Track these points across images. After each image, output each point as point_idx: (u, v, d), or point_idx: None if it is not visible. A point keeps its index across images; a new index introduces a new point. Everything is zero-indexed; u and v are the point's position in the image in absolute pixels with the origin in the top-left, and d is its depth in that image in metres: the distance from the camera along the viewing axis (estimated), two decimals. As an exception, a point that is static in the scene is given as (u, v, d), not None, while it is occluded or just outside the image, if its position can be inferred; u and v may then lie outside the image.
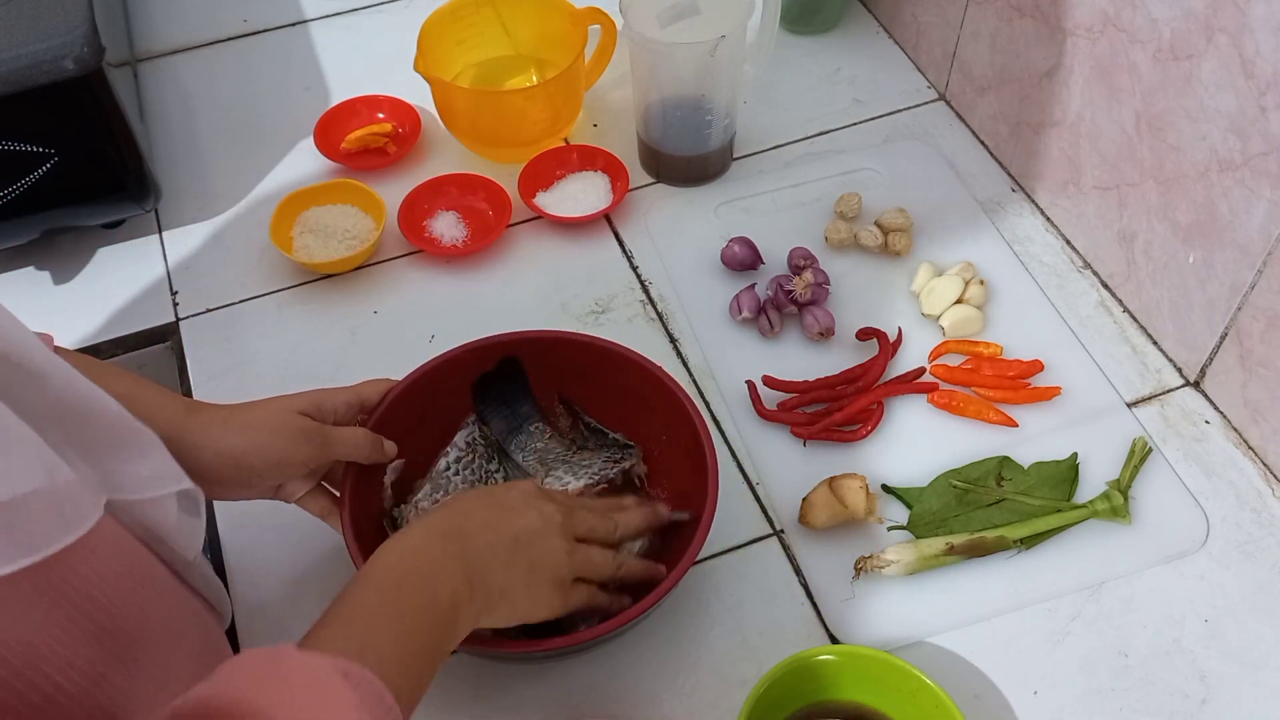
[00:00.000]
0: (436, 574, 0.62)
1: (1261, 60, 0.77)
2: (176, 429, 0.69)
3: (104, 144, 0.96)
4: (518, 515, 0.68)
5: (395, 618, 0.59)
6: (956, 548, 0.81)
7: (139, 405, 0.68)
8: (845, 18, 1.24)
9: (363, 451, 0.76)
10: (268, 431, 0.72)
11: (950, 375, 0.93)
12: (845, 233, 1.01)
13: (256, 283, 1.02)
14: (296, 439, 0.72)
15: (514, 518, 0.68)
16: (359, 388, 0.80)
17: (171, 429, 0.69)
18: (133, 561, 0.57)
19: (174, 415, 0.70)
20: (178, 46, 1.25)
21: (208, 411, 0.72)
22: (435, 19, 1.10)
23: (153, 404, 0.70)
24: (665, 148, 1.07)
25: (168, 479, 0.61)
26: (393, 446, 0.78)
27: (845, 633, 0.80)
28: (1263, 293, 0.83)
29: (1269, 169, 0.79)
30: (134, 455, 0.60)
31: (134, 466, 0.59)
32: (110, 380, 0.67)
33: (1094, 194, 0.98)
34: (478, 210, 1.07)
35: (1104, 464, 0.88)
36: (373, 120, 1.14)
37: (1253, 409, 0.88)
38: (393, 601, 0.60)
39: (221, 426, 0.71)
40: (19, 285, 1.04)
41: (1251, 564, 0.83)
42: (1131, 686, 0.77)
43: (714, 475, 0.76)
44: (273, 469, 0.72)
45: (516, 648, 0.72)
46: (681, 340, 0.97)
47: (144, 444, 0.61)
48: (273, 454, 0.72)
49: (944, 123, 1.14)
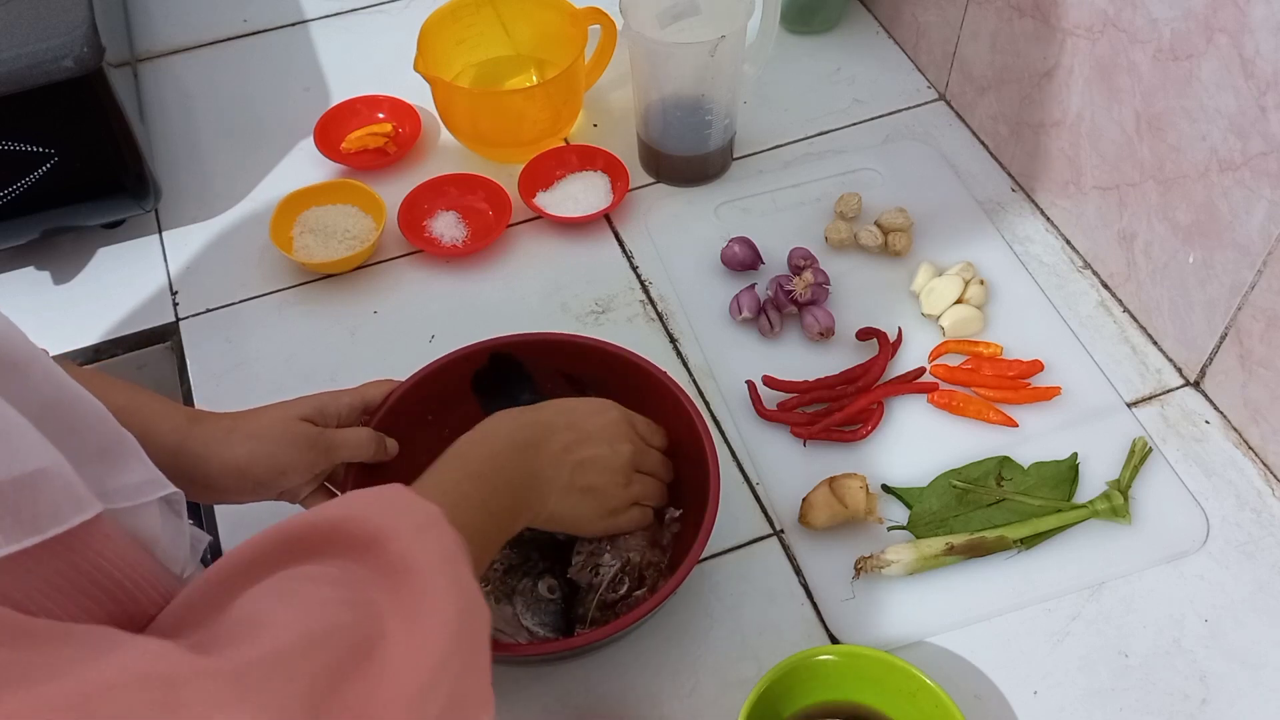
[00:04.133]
0: (498, 484, 0.67)
1: (1261, 60, 0.77)
2: (180, 440, 0.70)
3: (104, 144, 0.96)
4: (590, 444, 0.73)
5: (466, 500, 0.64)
6: (956, 548, 0.81)
7: (141, 415, 0.68)
8: (845, 18, 1.24)
9: (366, 451, 0.76)
10: (271, 441, 0.72)
11: (950, 375, 0.93)
12: (845, 233, 1.01)
13: (256, 283, 1.02)
14: (300, 446, 0.73)
15: (586, 446, 0.73)
16: (363, 389, 0.80)
17: (175, 440, 0.69)
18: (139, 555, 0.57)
19: (177, 426, 0.70)
20: (178, 46, 1.25)
21: (210, 421, 0.72)
22: (435, 19, 1.10)
23: (156, 414, 0.70)
24: (665, 148, 1.07)
25: (152, 485, 0.61)
26: (394, 445, 0.78)
27: (845, 633, 0.80)
28: (1263, 293, 0.83)
29: (1269, 169, 0.79)
30: (119, 463, 0.59)
31: (119, 474, 0.59)
32: (111, 392, 0.67)
33: (1094, 194, 0.98)
34: (478, 210, 1.07)
35: (1104, 464, 0.88)
36: (373, 120, 1.14)
37: (1253, 409, 0.88)
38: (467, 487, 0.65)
39: (225, 437, 0.71)
40: (19, 285, 1.04)
41: (1251, 564, 0.83)
42: (1131, 686, 0.77)
43: (715, 476, 0.76)
44: (277, 478, 0.73)
45: (518, 649, 0.73)
46: (681, 340, 0.97)
47: (127, 451, 0.60)
48: (277, 463, 0.72)
49: (944, 123, 1.14)
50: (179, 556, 0.64)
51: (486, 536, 0.66)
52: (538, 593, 0.75)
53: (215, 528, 0.86)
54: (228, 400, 0.93)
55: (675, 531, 0.79)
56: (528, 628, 0.73)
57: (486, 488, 0.66)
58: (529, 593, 0.75)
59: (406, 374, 0.82)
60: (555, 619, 0.75)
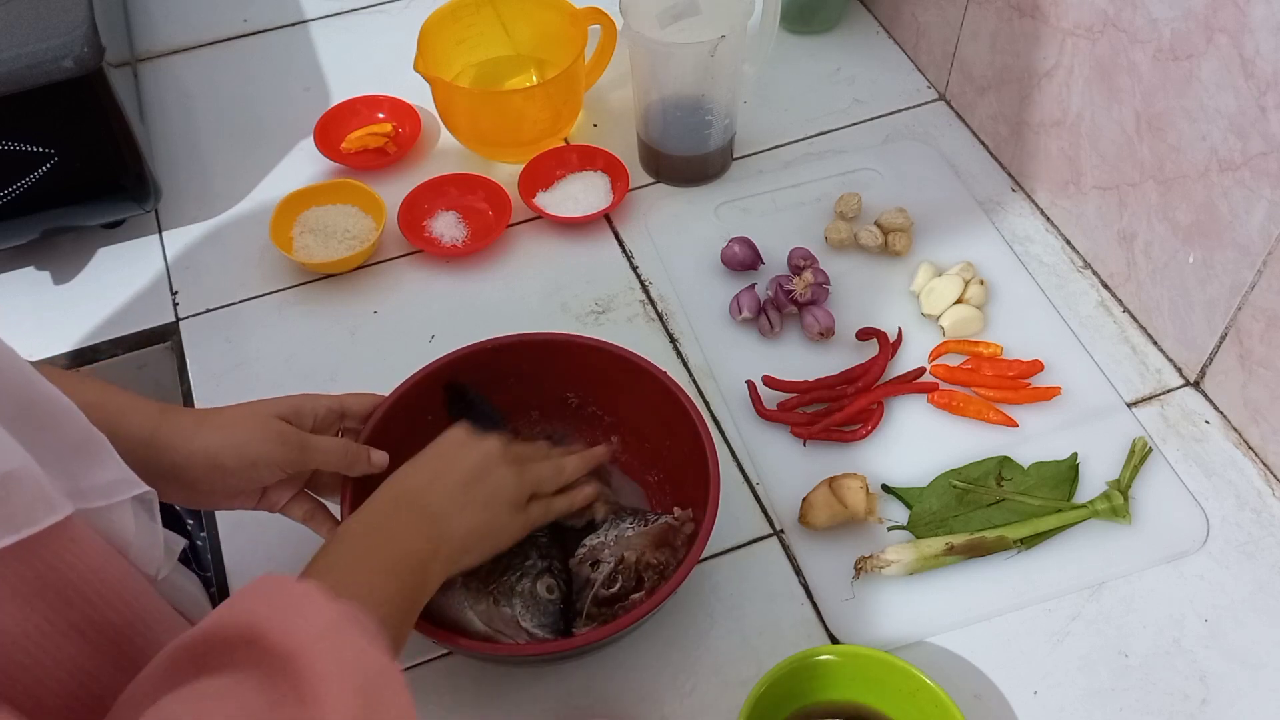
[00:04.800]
0: (398, 541, 0.65)
1: (1261, 60, 0.77)
2: (150, 431, 0.69)
3: (104, 144, 0.96)
4: (460, 459, 0.72)
5: (369, 573, 0.62)
6: (956, 548, 0.81)
7: (111, 410, 0.68)
8: (845, 18, 1.24)
9: (341, 461, 0.75)
10: (242, 431, 0.72)
11: (950, 375, 0.93)
12: (845, 233, 1.01)
13: (256, 283, 1.02)
14: (271, 440, 0.72)
15: (457, 463, 0.71)
16: (342, 397, 0.79)
17: (144, 432, 0.69)
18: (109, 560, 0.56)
19: (147, 418, 0.70)
20: (178, 46, 1.25)
21: (181, 414, 0.72)
22: (435, 19, 1.10)
23: (125, 407, 0.70)
24: (665, 148, 1.07)
25: (125, 484, 0.61)
26: (383, 457, 0.76)
27: (845, 633, 0.80)
28: (1263, 293, 0.83)
29: (1269, 169, 0.79)
30: (92, 462, 0.59)
31: (91, 473, 0.58)
32: (81, 388, 0.66)
33: (1094, 194, 0.98)
34: (478, 210, 1.07)
35: (1104, 464, 0.88)
36: (373, 120, 1.14)
37: (1253, 409, 0.88)
38: (364, 561, 0.63)
39: (194, 427, 0.71)
40: (19, 285, 1.04)
41: (1251, 564, 0.83)
42: (1131, 686, 0.77)
43: (716, 477, 0.76)
44: (247, 468, 0.72)
45: (518, 650, 0.73)
46: (681, 340, 0.97)
47: (100, 450, 0.60)
48: (247, 453, 0.71)
49: (944, 123, 1.14)
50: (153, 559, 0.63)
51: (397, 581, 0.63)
52: (536, 594, 0.75)
53: (216, 529, 0.86)
54: (227, 400, 0.92)
55: (689, 532, 0.79)
56: (527, 629, 0.73)
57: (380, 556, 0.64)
58: (528, 594, 0.74)
59: (406, 374, 0.82)
60: (554, 620, 0.75)
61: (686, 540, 0.78)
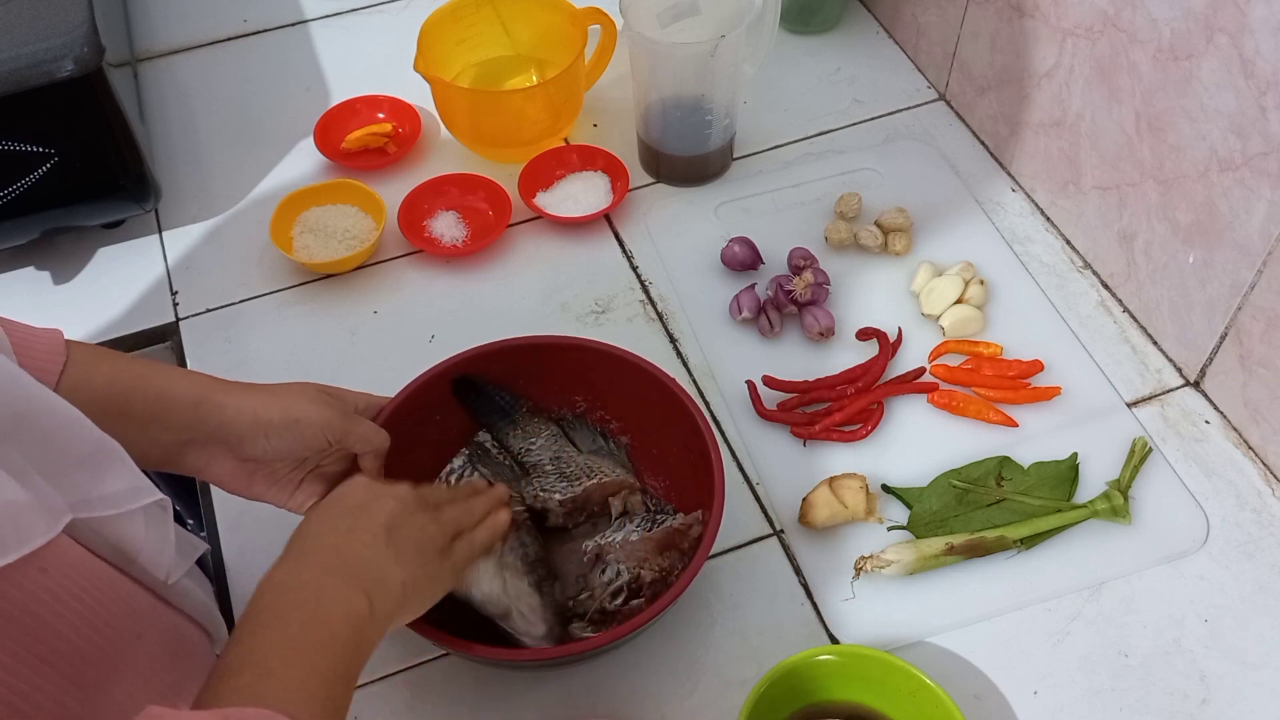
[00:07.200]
0: (323, 603, 0.59)
1: (1261, 60, 0.77)
2: (200, 393, 0.71)
3: (104, 144, 0.96)
4: (375, 509, 0.66)
5: (291, 655, 0.56)
6: (956, 548, 0.81)
7: (162, 377, 0.70)
8: (845, 18, 1.24)
9: (376, 443, 0.76)
10: (287, 395, 0.73)
11: (950, 375, 0.93)
12: (845, 233, 1.01)
13: (256, 283, 1.02)
14: (317, 401, 0.73)
15: (374, 513, 0.66)
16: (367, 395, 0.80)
17: (195, 394, 0.70)
18: (92, 581, 0.56)
19: (197, 384, 0.71)
20: (178, 46, 1.25)
21: (231, 383, 0.73)
22: (435, 19, 1.10)
23: (176, 375, 0.72)
24: (665, 148, 1.07)
25: (136, 493, 0.61)
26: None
27: (845, 633, 0.80)
28: (1263, 293, 0.83)
29: (1269, 169, 0.79)
30: (100, 472, 0.59)
31: (100, 483, 0.58)
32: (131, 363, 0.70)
33: (1094, 194, 0.98)
34: (478, 210, 1.07)
35: (1104, 464, 0.88)
36: (373, 120, 1.14)
37: (1253, 409, 0.88)
38: (283, 640, 0.57)
39: (243, 391, 0.72)
40: (19, 285, 1.04)
41: (1251, 564, 0.83)
42: (1131, 686, 0.77)
43: (720, 478, 0.76)
44: (290, 425, 0.72)
45: (521, 655, 0.72)
46: (681, 340, 0.97)
47: (112, 459, 0.60)
48: (292, 410, 0.72)
49: (944, 123, 1.14)
50: (163, 563, 0.64)
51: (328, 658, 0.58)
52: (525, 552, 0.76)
53: (216, 529, 0.86)
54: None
55: (696, 535, 0.79)
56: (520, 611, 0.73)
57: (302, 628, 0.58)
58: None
59: (407, 374, 0.82)
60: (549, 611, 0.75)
61: (693, 543, 0.78)
